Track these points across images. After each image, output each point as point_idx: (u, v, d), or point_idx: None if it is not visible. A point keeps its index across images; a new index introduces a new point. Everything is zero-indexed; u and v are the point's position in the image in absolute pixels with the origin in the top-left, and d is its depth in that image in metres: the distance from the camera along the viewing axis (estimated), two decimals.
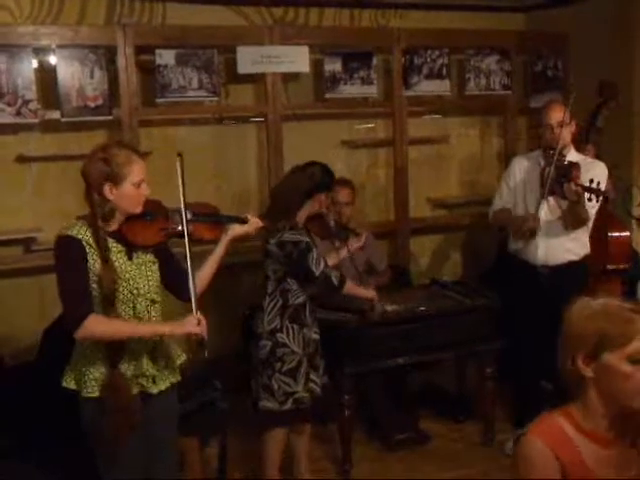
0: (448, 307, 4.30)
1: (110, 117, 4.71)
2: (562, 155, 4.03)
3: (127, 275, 2.74)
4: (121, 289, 2.73)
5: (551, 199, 4.09)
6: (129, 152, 2.76)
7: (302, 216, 3.69)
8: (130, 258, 2.78)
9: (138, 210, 2.79)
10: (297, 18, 5.50)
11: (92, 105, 4.63)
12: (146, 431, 2.83)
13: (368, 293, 3.98)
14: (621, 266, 4.65)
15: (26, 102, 4.46)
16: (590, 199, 3.76)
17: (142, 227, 2.80)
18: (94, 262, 2.67)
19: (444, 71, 5.61)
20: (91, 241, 2.67)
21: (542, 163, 4.13)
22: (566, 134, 4.08)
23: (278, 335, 3.63)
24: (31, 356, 4.39)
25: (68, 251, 2.67)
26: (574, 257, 4.20)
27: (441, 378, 5.07)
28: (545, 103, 4.39)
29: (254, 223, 3.11)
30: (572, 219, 4.05)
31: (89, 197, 2.71)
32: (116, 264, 2.72)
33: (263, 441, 3.79)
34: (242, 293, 5.03)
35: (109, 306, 2.69)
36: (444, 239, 6.06)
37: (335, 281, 3.65)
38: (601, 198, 3.76)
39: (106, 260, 2.67)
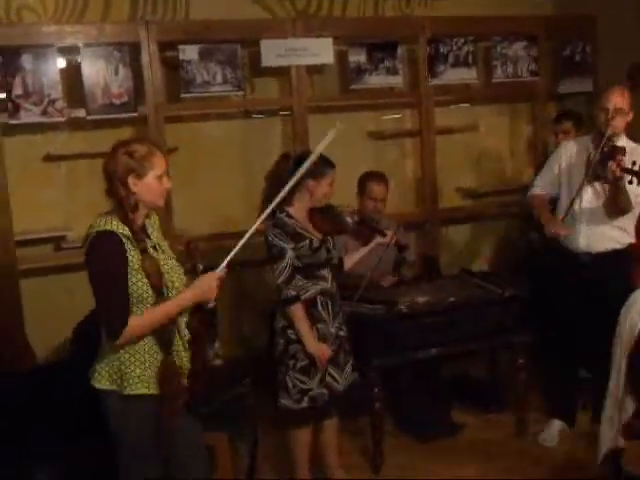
0: (478, 297, 4.24)
1: (135, 114, 4.72)
2: (611, 141, 3.87)
3: (162, 269, 2.74)
4: None
5: (596, 185, 3.98)
6: (150, 146, 2.78)
7: (299, 207, 3.57)
8: (157, 253, 2.79)
9: (161, 203, 2.81)
10: (320, 9, 5.47)
11: (117, 102, 4.65)
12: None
13: (312, 343, 3.55)
14: None
15: (52, 101, 4.50)
16: (631, 181, 3.66)
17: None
18: (131, 257, 2.67)
19: (470, 59, 5.55)
20: (126, 233, 2.67)
21: (590, 148, 4.00)
22: (619, 122, 3.93)
23: (289, 332, 3.55)
24: (62, 354, 4.42)
25: (105, 248, 2.66)
26: (618, 245, 4.07)
27: (473, 369, 5.01)
28: (609, 86, 4.26)
29: None
30: (614, 206, 3.93)
31: (114, 192, 2.71)
32: None
33: (288, 440, 3.76)
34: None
35: (159, 297, 2.70)
36: (474, 229, 6.00)
37: (284, 296, 3.50)
38: None
39: (144, 250, 2.68)
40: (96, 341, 3.32)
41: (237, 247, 2.85)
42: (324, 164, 3.60)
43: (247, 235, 2.87)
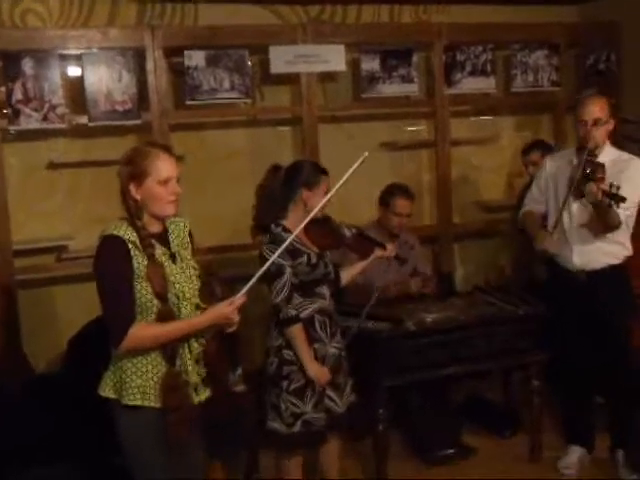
0: (490, 315, 4.04)
1: (139, 121, 4.60)
2: (594, 155, 3.70)
3: (172, 278, 2.65)
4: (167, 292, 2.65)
5: (583, 200, 3.78)
6: (155, 149, 2.69)
7: (295, 220, 3.32)
8: (174, 262, 2.70)
9: (170, 210, 2.69)
10: (334, 16, 5.33)
11: (120, 109, 4.54)
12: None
13: (312, 366, 3.34)
14: None
15: (53, 107, 4.40)
16: (610, 205, 3.48)
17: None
18: (139, 264, 2.59)
19: (488, 67, 5.37)
20: (135, 240, 2.60)
21: (574, 162, 3.81)
22: (600, 133, 3.75)
23: (284, 352, 3.35)
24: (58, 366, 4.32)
25: (111, 252, 2.59)
26: (615, 260, 3.86)
27: (487, 390, 4.82)
28: (584, 96, 4.08)
29: None
30: (601, 223, 3.72)
31: (122, 198, 2.67)
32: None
33: (278, 465, 3.55)
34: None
35: (163, 303, 2.61)
36: (491, 244, 5.79)
37: (282, 316, 3.31)
38: (621, 203, 3.47)
39: (150, 256, 2.60)
40: (93, 353, 3.22)
41: (259, 274, 2.74)
42: (316, 172, 3.42)
43: (269, 262, 2.81)
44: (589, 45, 5.65)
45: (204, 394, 2.78)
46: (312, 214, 2.94)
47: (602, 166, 3.62)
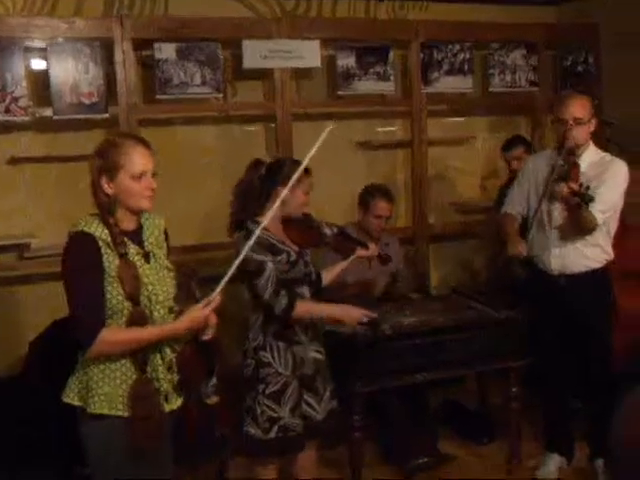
0: (469, 319, 3.93)
1: (106, 115, 4.42)
2: (572, 155, 3.59)
3: (145, 279, 2.50)
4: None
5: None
6: (129, 141, 2.54)
7: (272, 218, 3.02)
8: (148, 261, 2.54)
9: (145, 205, 2.54)
10: (309, 11, 5.20)
11: (87, 102, 4.35)
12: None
13: (334, 310, 3.32)
14: None
15: (16, 99, 4.20)
16: (579, 205, 3.40)
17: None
18: (110, 263, 2.44)
19: (466, 66, 5.27)
20: (107, 238, 2.46)
21: (554, 161, 3.69)
22: (580, 133, 3.63)
23: (261, 353, 3.21)
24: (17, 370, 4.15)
25: (81, 250, 2.45)
26: (595, 264, 3.75)
27: (463, 396, 4.71)
28: (564, 94, 3.98)
29: None
30: (576, 225, 3.62)
31: (93, 193, 2.52)
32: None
33: (254, 471, 3.39)
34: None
35: (135, 306, 2.47)
36: (468, 245, 5.69)
37: (278, 310, 3.16)
38: (589, 203, 3.39)
39: (122, 255, 2.45)
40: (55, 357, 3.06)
41: (231, 270, 2.59)
42: (291, 169, 3.26)
43: (240, 257, 2.64)
44: (567, 46, 5.60)
45: (175, 403, 2.63)
46: (279, 199, 2.82)
47: (577, 166, 3.54)
